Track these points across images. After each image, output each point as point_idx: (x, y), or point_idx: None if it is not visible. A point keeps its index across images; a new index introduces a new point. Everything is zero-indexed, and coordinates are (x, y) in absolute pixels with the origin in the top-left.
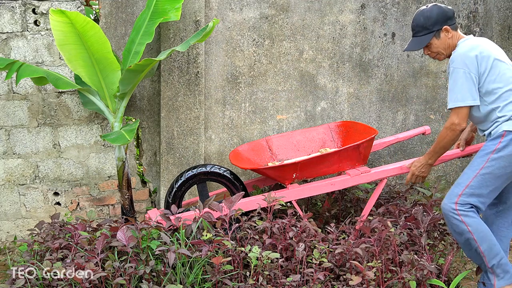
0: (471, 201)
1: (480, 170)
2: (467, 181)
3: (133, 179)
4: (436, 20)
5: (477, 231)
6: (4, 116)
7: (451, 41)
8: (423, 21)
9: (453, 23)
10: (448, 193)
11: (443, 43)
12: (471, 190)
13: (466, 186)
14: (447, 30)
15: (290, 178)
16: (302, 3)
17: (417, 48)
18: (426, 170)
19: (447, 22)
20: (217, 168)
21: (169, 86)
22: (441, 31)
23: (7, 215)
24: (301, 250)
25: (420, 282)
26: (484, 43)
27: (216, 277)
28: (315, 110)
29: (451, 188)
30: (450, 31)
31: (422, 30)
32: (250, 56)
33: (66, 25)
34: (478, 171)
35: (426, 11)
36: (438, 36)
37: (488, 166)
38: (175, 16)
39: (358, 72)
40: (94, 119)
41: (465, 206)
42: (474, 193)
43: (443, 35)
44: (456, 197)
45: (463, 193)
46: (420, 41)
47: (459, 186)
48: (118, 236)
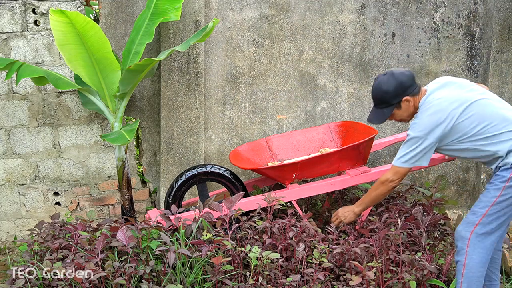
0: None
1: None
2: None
3: (133, 179)
4: (394, 94)
5: (471, 268)
6: (4, 116)
7: (414, 107)
8: (382, 95)
9: (413, 90)
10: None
11: (405, 111)
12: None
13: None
14: (407, 100)
15: (290, 178)
16: (302, 3)
17: (380, 122)
18: (349, 216)
19: (406, 92)
20: (217, 168)
21: (169, 86)
22: (401, 102)
23: (7, 215)
24: (301, 250)
25: (420, 282)
26: (447, 96)
27: (216, 277)
28: (315, 110)
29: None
30: (410, 100)
31: (382, 104)
32: (250, 56)
33: (66, 25)
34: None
35: (384, 84)
36: (399, 107)
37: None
38: (175, 16)
39: (358, 72)
40: (94, 119)
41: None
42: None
43: (404, 105)
44: (473, 225)
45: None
46: (382, 114)
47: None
48: (118, 236)
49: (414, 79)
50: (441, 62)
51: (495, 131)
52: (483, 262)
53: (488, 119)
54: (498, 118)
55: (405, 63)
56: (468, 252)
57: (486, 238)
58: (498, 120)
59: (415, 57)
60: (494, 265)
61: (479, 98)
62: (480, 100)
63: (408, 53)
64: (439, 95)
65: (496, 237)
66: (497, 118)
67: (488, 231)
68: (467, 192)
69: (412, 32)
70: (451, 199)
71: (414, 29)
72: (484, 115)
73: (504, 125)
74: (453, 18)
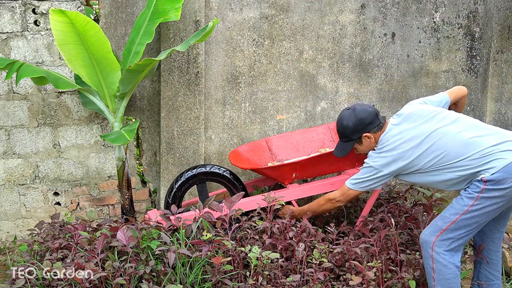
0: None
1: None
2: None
3: (133, 179)
4: (354, 130)
5: (440, 272)
6: (4, 116)
7: (374, 142)
8: (342, 130)
9: (373, 127)
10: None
11: (366, 146)
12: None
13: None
14: (367, 136)
15: (290, 178)
16: (302, 3)
17: (342, 154)
18: (287, 216)
19: (366, 129)
20: (217, 168)
21: (169, 86)
22: (362, 138)
23: (7, 215)
24: (301, 250)
25: (420, 282)
26: (403, 133)
27: (216, 277)
28: (315, 110)
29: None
30: (371, 137)
31: (343, 137)
32: (250, 56)
33: (66, 25)
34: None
35: (345, 120)
36: (360, 142)
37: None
38: (175, 16)
39: (358, 72)
40: (94, 119)
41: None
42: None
43: (365, 140)
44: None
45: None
46: (344, 148)
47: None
48: (118, 236)
49: (376, 115)
50: (441, 62)
51: (451, 160)
52: (451, 263)
53: (443, 149)
54: (455, 146)
55: (405, 63)
56: (434, 257)
57: (452, 242)
58: (456, 148)
59: (415, 57)
60: (492, 266)
61: (436, 128)
62: (438, 130)
63: (408, 53)
64: (396, 131)
65: (463, 240)
66: (454, 147)
67: (454, 237)
68: None
69: (412, 32)
70: (451, 199)
71: (414, 29)
72: (439, 146)
73: (462, 152)
74: (453, 18)
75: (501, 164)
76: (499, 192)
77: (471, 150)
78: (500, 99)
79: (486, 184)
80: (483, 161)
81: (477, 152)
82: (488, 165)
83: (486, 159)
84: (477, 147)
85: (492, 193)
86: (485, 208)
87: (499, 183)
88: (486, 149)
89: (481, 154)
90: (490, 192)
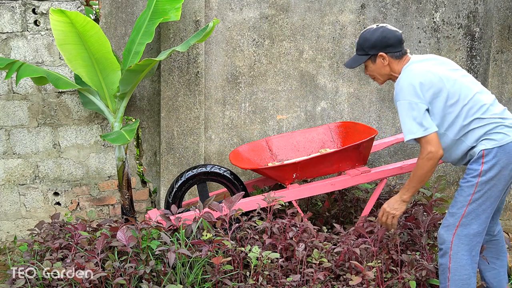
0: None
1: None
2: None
3: (133, 179)
4: (373, 45)
5: (456, 271)
6: (4, 116)
7: (388, 69)
8: (362, 42)
9: (394, 51)
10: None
11: (378, 68)
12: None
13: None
14: (382, 57)
15: (290, 178)
16: (302, 3)
17: (352, 66)
18: (399, 207)
19: (386, 49)
20: (217, 168)
21: (169, 86)
22: (377, 57)
23: (7, 215)
24: (301, 250)
25: (420, 282)
26: (430, 67)
27: (216, 277)
28: (315, 110)
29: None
30: (386, 59)
31: (360, 50)
32: (250, 56)
33: (66, 25)
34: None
35: (368, 33)
36: (373, 61)
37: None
38: (175, 16)
39: (358, 72)
40: (94, 119)
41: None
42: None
43: (379, 61)
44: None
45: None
46: (356, 61)
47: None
48: (118, 236)
49: (401, 42)
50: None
51: (470, 115)
52: (468, 263)
53: (464, 100)
54: (475, 102)
55: None
56: (452, 256)
57: (470, 239)
58: (474, 104)
59: None
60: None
61: (457, 78)
62: (458, 80)
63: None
64: (421, 64)
65: (480, 236)
66: (474, 102)
67: (470, 233)
68: None
69: (412, 32)
70: (451, 199)
71: (414, 29)
72: (461, 95)
73: (478, 110)
74: (453, 18)
75: (504, 139)
76: (495, 171)
77: (484, 112)
78: (500, 99)
79: (483, 166)
80: (490, 126)
81: (489, 116)
82: (491, 136)
83: (492, 125)
84: (490, 111)
85: (489, 174)
86: (486, 193)
87: (495, 162)
88: (495, 115)
89: (491, 118)
90: (487, 173)
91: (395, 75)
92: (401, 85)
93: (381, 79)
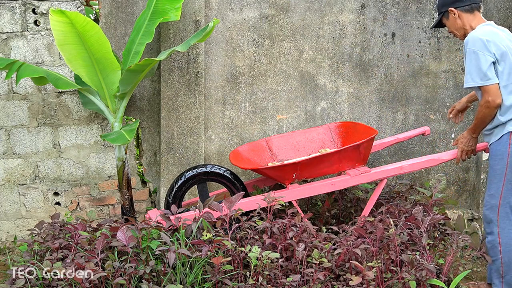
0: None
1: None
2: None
3: (133, 179)
4: (443, 3)
5: (507, 244)
6: (4, 116)
7: (460, 22)
8: (437, 3)
9: (463, 5)
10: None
11: (452, 23)
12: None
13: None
14: (452, 11)
15: (290, 178)
16: (302, 3)
17: (433, 26)
18: (473, 143)
19: (455, 4)
20: (217, 168)
21: (169, 86)
22: (448, 13)
23: (7, 215)
24: (301, 250)
25: (420, 282)
26: (501, 32)
27: (216, 277)
28: (315, 110)
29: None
30: (456, 13)
31: (438, 10)
32: (250, 56)
33: (66, 25)
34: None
35: None
36: (447, 17)
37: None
38: (175, 16)
39: (358, 72)
40: (94, 119)
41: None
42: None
43: (451, 16)
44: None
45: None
46: (435, 21)
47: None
48: (118, 236)
49: None
50: (441, 62)
51: None
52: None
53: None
54: None
55: (405, 63)
56: (500, 232)
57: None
58: None
59: (415, 57)
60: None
61: None
62: None
63: (408, 53)
64: (497, 28)
65: None
66: None
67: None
68: (467, 192)
69: (412, 32)
70: (451, 199)
71: (414, 29)
72: None
73: None
74: None
75: None
76: None
77: None
78: None
79: (510, 147)
80: None
81: None
82: None
83: None
84: None
85: None
86: None
87: None
88: None
89: None
90: None
91: (468, 30)
92: (474, 36)
93: (458, 34)
